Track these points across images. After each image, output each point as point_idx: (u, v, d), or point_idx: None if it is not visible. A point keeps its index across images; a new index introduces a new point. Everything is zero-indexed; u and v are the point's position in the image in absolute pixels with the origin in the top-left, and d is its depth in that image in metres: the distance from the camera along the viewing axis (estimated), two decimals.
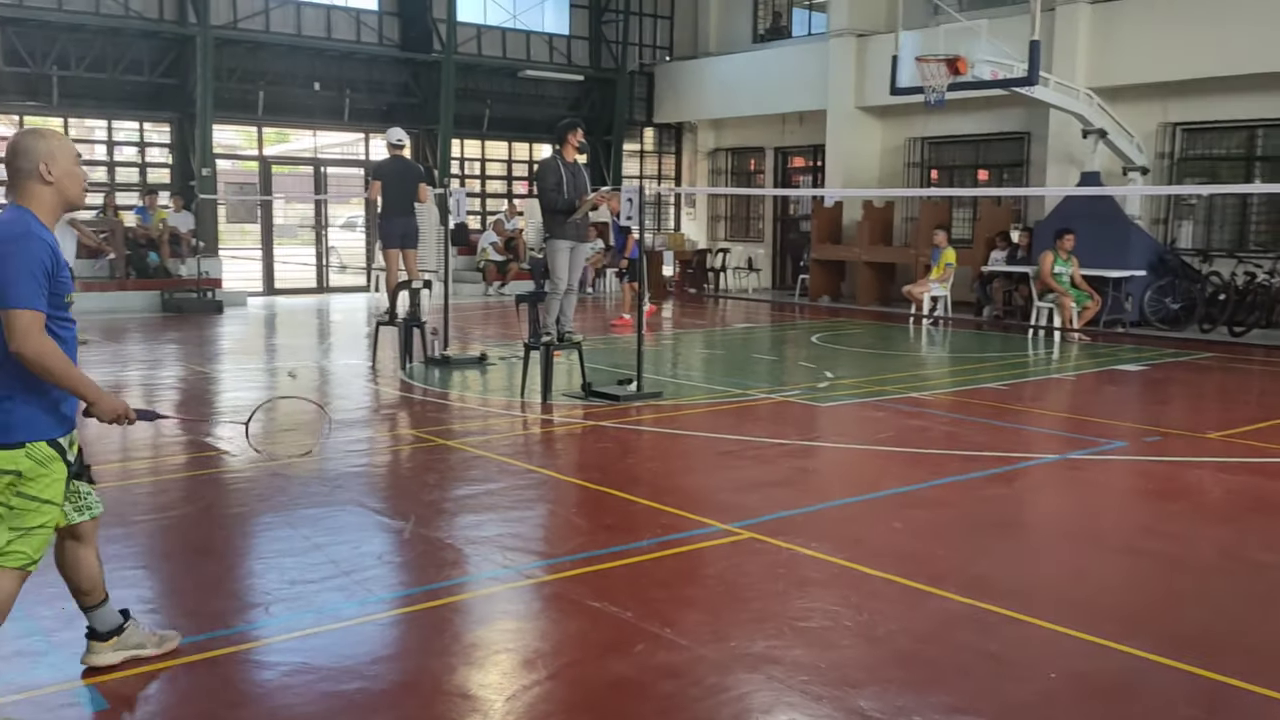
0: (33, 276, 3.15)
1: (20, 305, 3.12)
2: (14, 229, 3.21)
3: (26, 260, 3.15)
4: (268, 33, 18.46)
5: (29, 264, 3.15)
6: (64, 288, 3.29)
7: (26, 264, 3.15)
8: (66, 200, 3.40)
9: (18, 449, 3.23)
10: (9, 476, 3.23)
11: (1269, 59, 13.91)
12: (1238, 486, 6.37)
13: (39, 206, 3.32)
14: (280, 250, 20.57)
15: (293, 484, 6.18)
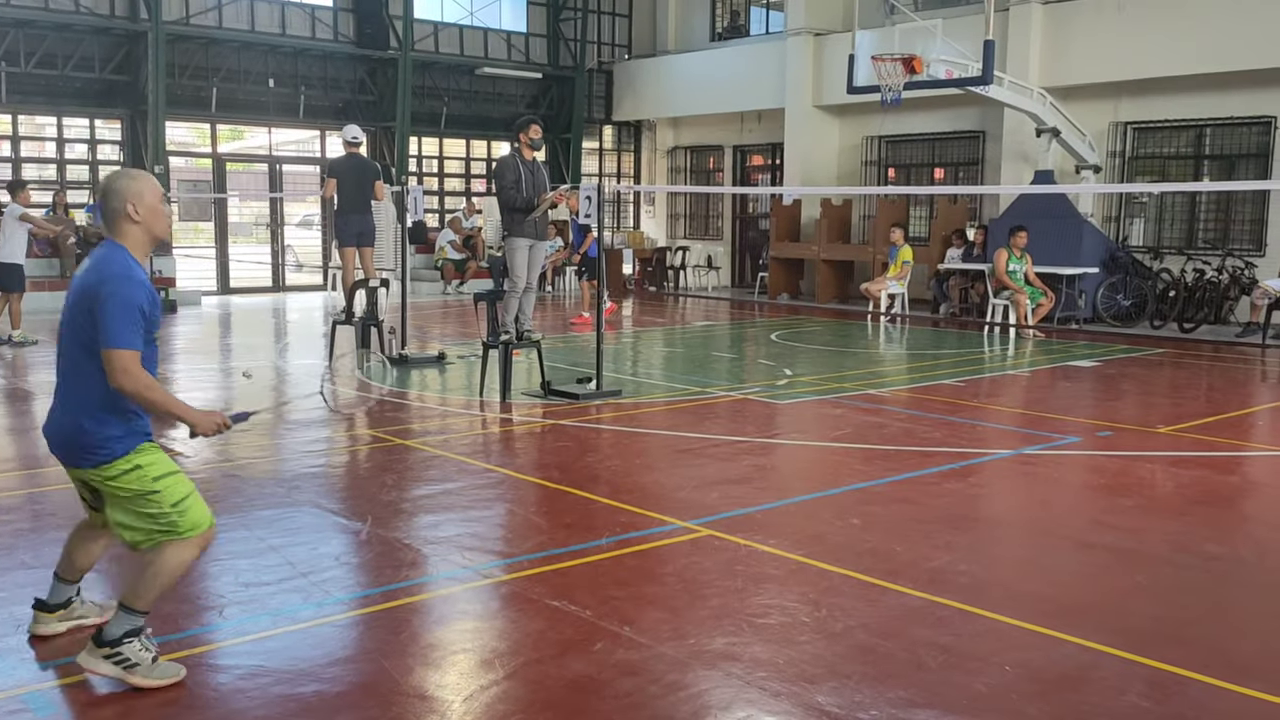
0: (130, 317, 3.42)
1: (121, 345, 3.40)
2: (114, 269, 3.48)
3: (125, 301, 3.42)
4: (220, 29, 18.24)
5: (128, 305, 3.42)
6: (155, 325, 3.58)
7: (125, 305, 3.42)
8: (154, 236, 3.66)
9: (124, 459, 3.55)
10: (134, 474, 3.54)
11: (1216, 59, 14.17)
12: (1187, 480, 6.48)
13: (131, 244, 3.59)
14: (235, 249, 20.34)
15: (248, 485, 6.12)
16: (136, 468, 3.55)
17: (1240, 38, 13.83)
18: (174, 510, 3.57)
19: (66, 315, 3.58)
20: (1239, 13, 13.83)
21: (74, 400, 3.56)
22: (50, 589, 3.89)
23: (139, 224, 3.58)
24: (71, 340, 3.54)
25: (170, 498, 3.57)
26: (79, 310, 3.50)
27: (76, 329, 3.51)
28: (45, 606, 3.86)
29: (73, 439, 3.56)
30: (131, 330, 3.42)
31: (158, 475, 3.58)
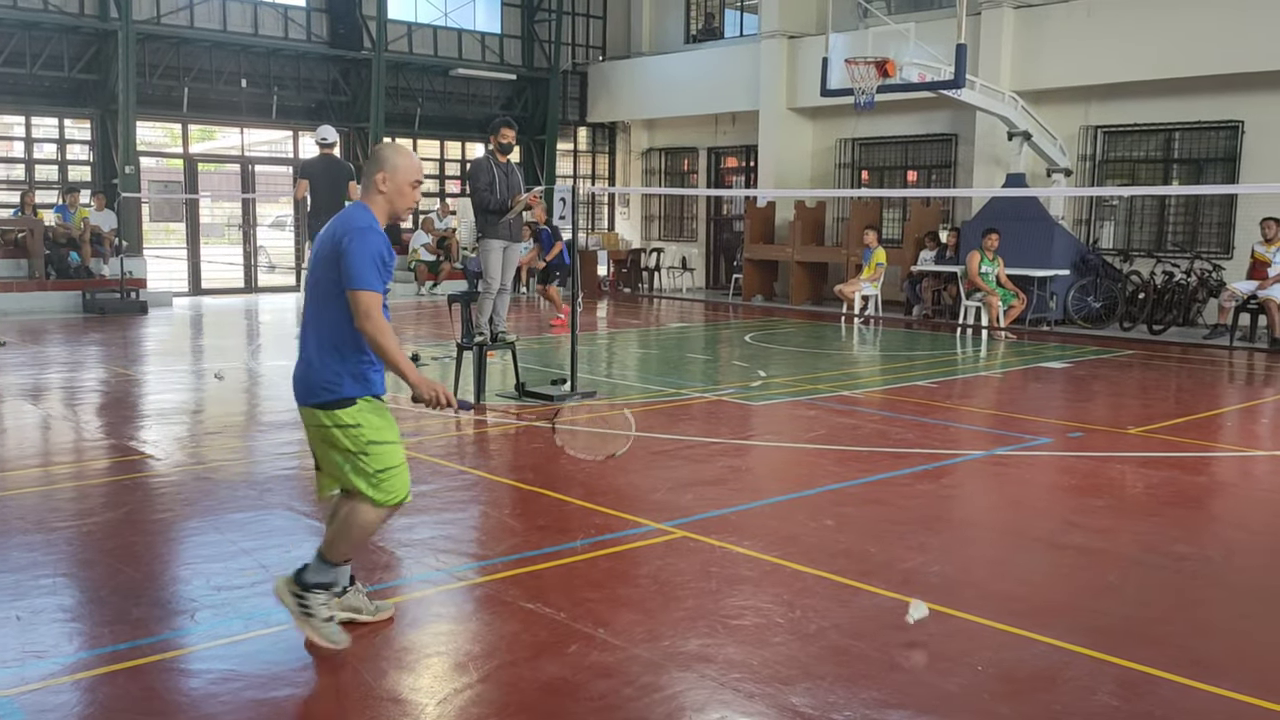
0: (373, 262, 3.71)
1: (365, 287, 3.69)
2: (359, 222, 3.80)
3: (368, 247, 3.72)
4: (192, 28, 18.10)
5: (371, 251, 3.72)
6: (388, 279, 3.83)
7: (368, 250, 3.71)
8: (393, 211, 3.96)
9: (351, 404, 3.79)
10: (353, 430, 3.78)
11: (1184, 64, 14.33)
12: (1157, 481, 6.54)
13: (376, 209, 3.90)
14: (207, 249, 20.19)
15: (220, 488, 6.07)
16: (357, 425, 3.80)
17: (1208, 42, 14.00)
18: (378, 475, 3.82)
19: (310, 269, 3.89)
20: (1206, 18, 14.00)
21: (313, 342, 3.83)
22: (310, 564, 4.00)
23: (384, 194, 3.89)
24: (314, 289, 3.85)
25: (377, 464, 3.82)
26: (321, 260, 3.81)
27: (318, 278, 3.82)
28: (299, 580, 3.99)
29: (307, 376, 3.83)
30: (374, 274, 3.71)
31: (371, 440, 3.81)
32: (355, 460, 3.82)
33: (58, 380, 9.92)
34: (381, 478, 3.84)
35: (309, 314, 3.90)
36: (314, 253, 3.92)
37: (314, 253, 3.92)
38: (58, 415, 8.31)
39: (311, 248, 4.07)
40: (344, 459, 3.83)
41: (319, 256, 3.85)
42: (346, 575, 4.02)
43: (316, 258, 3.87)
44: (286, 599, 3.88)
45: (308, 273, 3.97)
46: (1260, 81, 14.09)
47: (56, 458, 6.99)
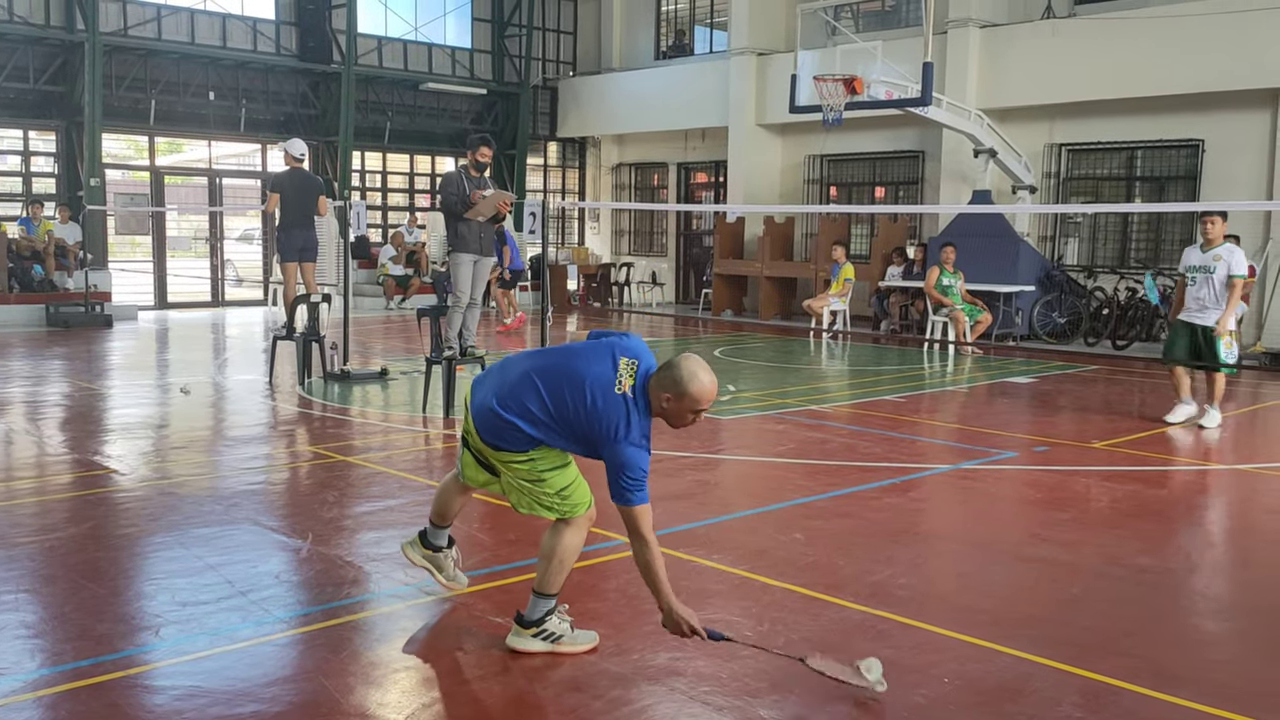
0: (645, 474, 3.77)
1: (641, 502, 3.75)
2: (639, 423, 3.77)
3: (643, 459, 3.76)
4: (159, 40, 17.99)
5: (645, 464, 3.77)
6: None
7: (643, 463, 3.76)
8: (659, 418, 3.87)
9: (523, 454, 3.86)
10: (527, 465, 3.87)
11: (1147, 84, 14.57)
12: (1121, 494, 6.62)
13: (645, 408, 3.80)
14: (173, 263, 20.03)
15: (185, 503, 6.02)
16: (530, 460, 3.86)
17: (1170, 63, 14.24)
18: (558, 496, 3.91)
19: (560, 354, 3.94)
20: (1169, 39, 14.24)
21: (513, 400, 3.80)
22: (428, 531, 4.40)
23: (663, 410, 3.77)
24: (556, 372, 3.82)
25: (554, 486, 3.91)
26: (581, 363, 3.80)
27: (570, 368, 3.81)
28: (426, 543, 4.38)
29: (496, 421, 3.83)
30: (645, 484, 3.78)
31: (544, 469, 3.88)
32: (533, 490, 3.91)
33: (20, 394, 9.80)
34: (562, 495, 3.92)
35: (540, 381, 3.79)
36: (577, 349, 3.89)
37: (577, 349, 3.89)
38: (20, 430, 8.21)
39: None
40: (522, 491, 3.94)
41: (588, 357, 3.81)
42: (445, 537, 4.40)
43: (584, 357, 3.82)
44: (532, 645, 3.95)
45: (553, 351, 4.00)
46: (1220, 101, 14.34)
47: (18, 472, 6.90)
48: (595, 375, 3.75)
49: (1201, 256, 8.67)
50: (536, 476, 3.88)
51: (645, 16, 22.47)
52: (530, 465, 3.87)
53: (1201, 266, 8.64)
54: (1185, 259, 8.86)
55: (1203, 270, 8.63)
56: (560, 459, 3.92)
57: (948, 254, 14.18)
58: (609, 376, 3.75)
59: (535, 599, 3.97)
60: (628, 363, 3.79)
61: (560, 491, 3.91)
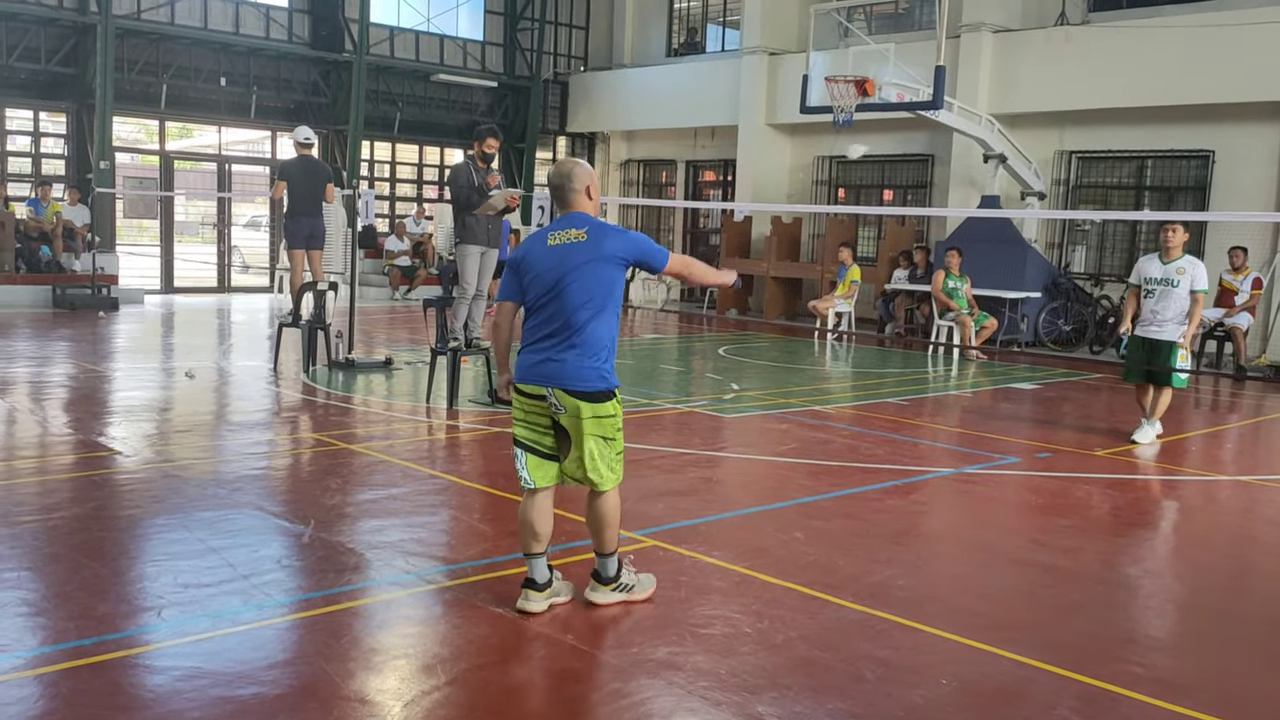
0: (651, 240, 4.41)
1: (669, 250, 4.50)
2: (612, 226, 4.35)
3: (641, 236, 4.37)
4: (172, 24, 18.01)
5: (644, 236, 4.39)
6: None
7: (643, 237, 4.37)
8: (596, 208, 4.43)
9: (615, 396, 4.26)
10: (611, 419, 4.25)
11: (1159, 93, 14.55)
12: (1123, 502, 6.62)
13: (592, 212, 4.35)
14: (181, 248, 20.05)
15: (189, 486, 6.03)
16: (614, 415, 4.25)
17: (1182, 73, 14.22)
18: (618, 457, 4.32)
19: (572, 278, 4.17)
20: (1181, 49, 14.21)
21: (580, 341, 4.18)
22: (532, 568, 4.30)
23: (593, 200, 4.35)
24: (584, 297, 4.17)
25: (618, 447, 4.31)
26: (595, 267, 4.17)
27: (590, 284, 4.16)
28: (534, 585, 4.29)
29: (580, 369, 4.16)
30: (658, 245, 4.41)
31: (619, 427, 4.31)
32: (607, 448, 4.25)
33: (25, 375, 9.81)
34: (618, 460, 4.32)
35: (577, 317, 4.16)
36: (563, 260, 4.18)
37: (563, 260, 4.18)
38: (24, 410, 8.23)
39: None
40: (593, 456, 4.21)
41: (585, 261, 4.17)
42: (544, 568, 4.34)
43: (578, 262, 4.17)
44: (610, 597, 4.36)
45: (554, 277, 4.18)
46: (1231, 113, 14.32)
47: (22, 452, 6.92)
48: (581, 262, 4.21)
49: (1163, 268, 8.24)
50: (613, 433, 4.25)
51: (658, 13, 22.46)
52: (614, 419, 4.25)
53: (1163, 279, 8.20)
54: (1143, 270, 8.38)
55: (1164, 283, 8.20)
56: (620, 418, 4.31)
57: (952, 257, 14.17)
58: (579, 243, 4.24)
59: (604, 560, 4.37)
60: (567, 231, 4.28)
61: (619, 454, 4.33)
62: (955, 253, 14.19)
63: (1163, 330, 8.24)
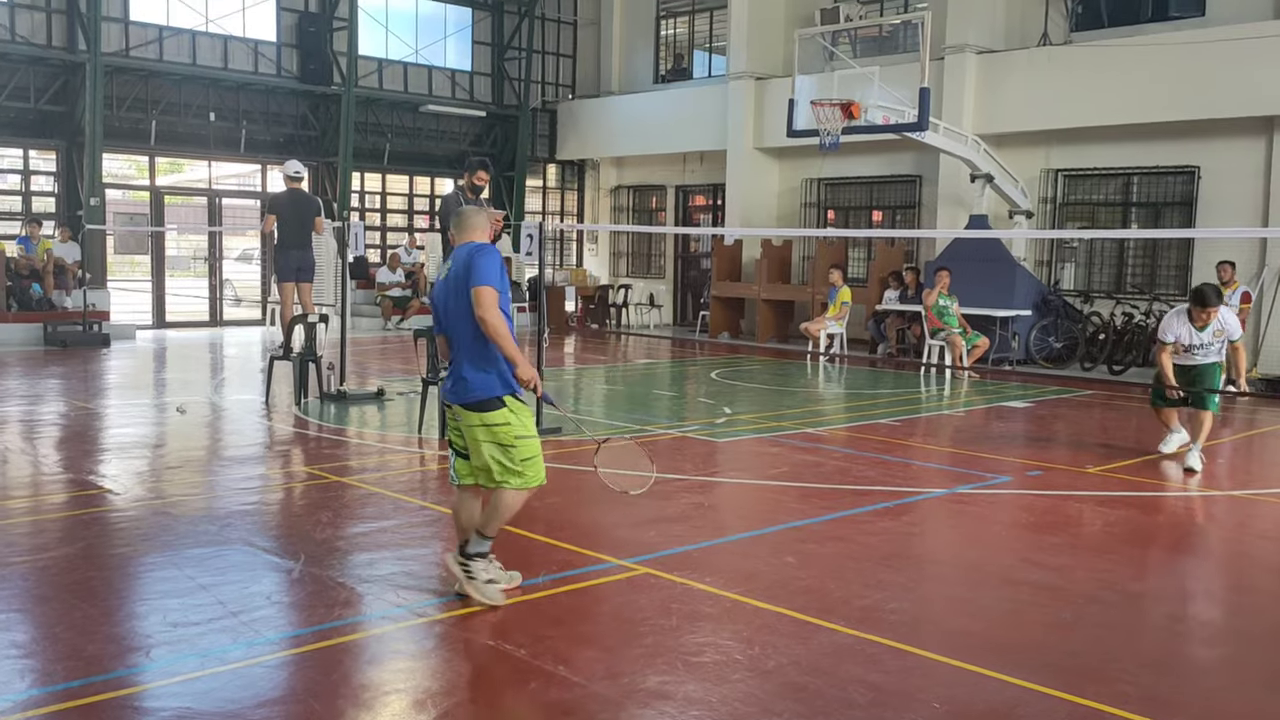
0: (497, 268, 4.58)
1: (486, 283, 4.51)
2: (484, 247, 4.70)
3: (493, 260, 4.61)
4: (161, 61, 18.09)
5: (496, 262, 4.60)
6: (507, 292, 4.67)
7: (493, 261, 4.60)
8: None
9: (504, 405, 4.59)
10: (504, 426, 4.59)
11: (1143, 110, 14.65)
12: (1115, 519, 6.63)
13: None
14: (172, 282, 20.06)
15: (179, 523, 6.02)
16: (507, 423, 4.59)
17: (1166, 90, 14.33)
18: (522, 464, 4.61)
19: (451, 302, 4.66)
20: (1164, 66, 14.34)
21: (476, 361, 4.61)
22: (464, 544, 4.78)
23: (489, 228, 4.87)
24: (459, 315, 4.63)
25: (521, 454, 4.61)
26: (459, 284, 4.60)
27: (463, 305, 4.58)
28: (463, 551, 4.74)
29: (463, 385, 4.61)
30: (497, 276, 4.54)
31: (519, 434, 4.60)
32: (506, 453, 4.58)
33: (16, 413, 9.80)
34: (525, 466, 4.61)
35: (458, 336, 4.67)
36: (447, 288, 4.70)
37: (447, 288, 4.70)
38: (15, 449, 8.21)
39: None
40: (498, 453, 4.59)
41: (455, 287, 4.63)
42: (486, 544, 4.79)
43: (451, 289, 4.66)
44: (454, 568, 4.70)
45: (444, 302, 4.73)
46: (1216, 129, 14.42)
47: (13, 492, 6.90)
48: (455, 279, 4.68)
49: (1200, 335, 8.12)
50: (511, 440, 4.58)
51: (645, 40, 22.62)
52: (508, 427, 4.58)
53: (1201, 346, 8.15)
54: (1177, 332, 8.15)
55: (1204, 348, 8.16)
56: (528, 426, 4.65)
57: (942, 277, 14.23)
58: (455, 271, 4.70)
59: (476, 537, 4.71)
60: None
61: (527, 459, 4.62)
62: (945, 272, 14.26)
63: (1207, 357, 8.20)
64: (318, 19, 19.60)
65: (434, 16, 21.63)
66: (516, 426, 4.61)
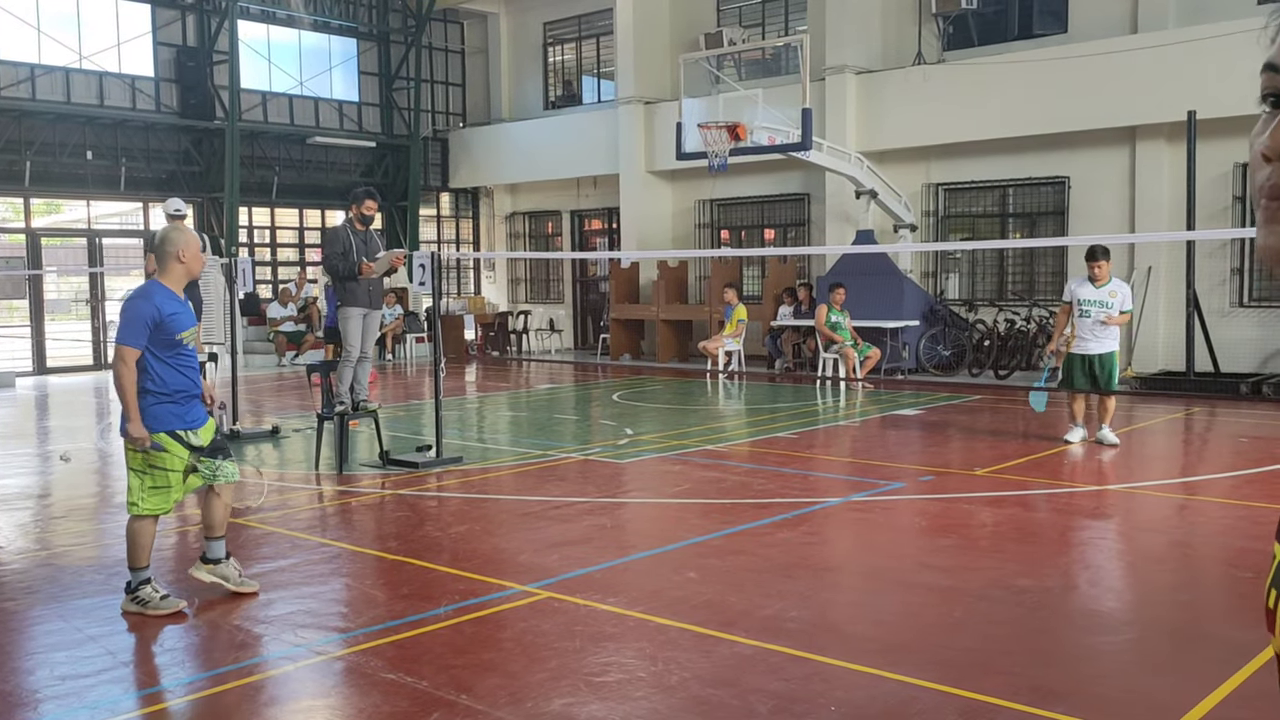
0: (136, 323, 4.97)
1: (120, 341, 4.97)
2: (134, 293, 5.15)
3: (134, 313, 4.98)
4: (34, 100, 17.53)
5: (136, 315, 4.97)
6: (173, 330, 5.02)
7: (133, 315, 4.97)
8: (191, 274, 5.26)
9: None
10: (142, 454, 5.03)
11: (1014, 124, 15.24)
12: (1003, 518, 6.86)
13: (171, 280, 5.16)
14: (53, 326, 19.37)
15: (65, 574, 5.83)
16: (145, 452, 5.02)
17: (1036, 105, 14.93)
18: (150, 492, 5.09)
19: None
20: (1033, 82, 14.94)
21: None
22: (205, 546, 5.36)
23: (183, 264, 5.16)
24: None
25: (151, 482, 5.08)
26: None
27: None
28: (204, 559, 5.33)
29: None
30: (132, 333, 4.94)
31: (150, 465, 5.06)
32: (137, 478, 5.10)
33: None
34: (150, 494, 5.10)
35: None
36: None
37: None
38: None
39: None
40: (131, 476, 5.12)
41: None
42: (222, 549, 5.34)
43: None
44: (131, 605, 5.07)
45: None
46: (1082, 140, 15.07)
47: None
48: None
49: (1096, 292, 9.28)
50: (144, 467, 5.10)
51: (533, 67, 22.71)
52: (130, 454, 5.09)
53: (1098, 301, 9.26)
54: (1076, 292, 9.37)
55: (1100, 305, 9.25)
56: (170, 462, 5.08)
57: (838, 294, 14.56)
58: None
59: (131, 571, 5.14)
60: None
61: (152, 488, 5.10)
62: (840, 290, 14.56)
63: (1099, 344, 9.30)
64: (196, 53, 19.24)
65: (318, 48, 21.41)
66: (157, 458, 5.06)
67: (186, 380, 5.12)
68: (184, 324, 5.09)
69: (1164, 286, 14.66)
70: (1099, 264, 9.29)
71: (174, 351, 5.04)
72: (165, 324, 4.98)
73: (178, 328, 5.03)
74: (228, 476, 5.31)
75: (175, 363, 5.06)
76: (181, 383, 5.09)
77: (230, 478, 5.32)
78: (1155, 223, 14.58)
